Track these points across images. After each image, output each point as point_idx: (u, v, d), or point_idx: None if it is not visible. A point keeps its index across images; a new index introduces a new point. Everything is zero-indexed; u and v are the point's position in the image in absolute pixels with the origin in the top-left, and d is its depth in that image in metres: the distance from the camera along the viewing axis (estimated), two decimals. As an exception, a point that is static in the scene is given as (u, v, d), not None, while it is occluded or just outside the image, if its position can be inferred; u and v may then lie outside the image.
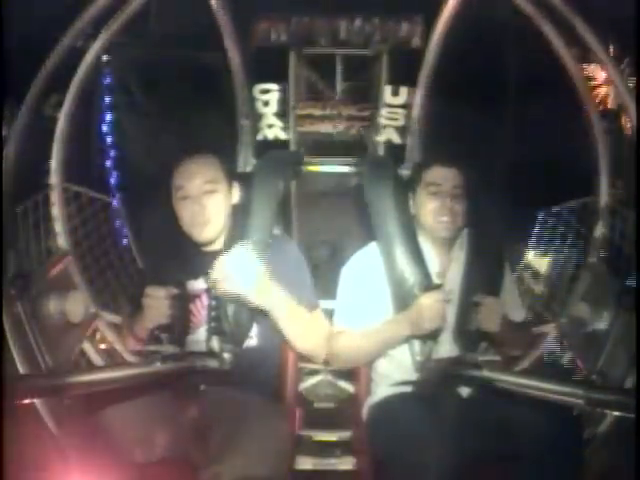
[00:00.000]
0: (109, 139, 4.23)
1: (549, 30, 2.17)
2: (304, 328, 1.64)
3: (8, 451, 1.13)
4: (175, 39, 3.62)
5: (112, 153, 4.24)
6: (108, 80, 4.10)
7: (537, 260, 3.08)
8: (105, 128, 4.22)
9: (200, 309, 1.66)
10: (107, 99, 4.14)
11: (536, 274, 3.06)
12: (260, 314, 1.60)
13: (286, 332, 1.62)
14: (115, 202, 3.28)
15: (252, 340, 1.64)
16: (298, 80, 2.95)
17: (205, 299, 1.65)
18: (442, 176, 1.73)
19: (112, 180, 4.21)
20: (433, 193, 1.72)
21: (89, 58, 2.21)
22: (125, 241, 3.13)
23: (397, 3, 2.86)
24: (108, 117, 4.19)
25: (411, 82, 2.71)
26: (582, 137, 2.27)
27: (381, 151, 2.85)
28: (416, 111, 2.66)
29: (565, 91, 2.27)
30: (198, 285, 1.66)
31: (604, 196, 2.25)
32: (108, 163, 4.23)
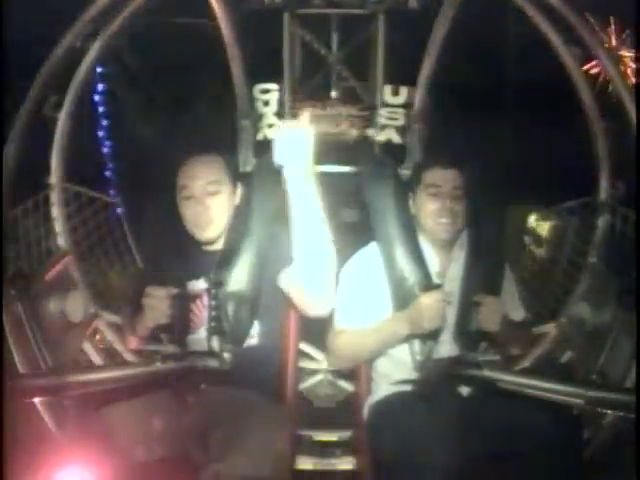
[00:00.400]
0: (101, 109, 4.20)
1: (548, 30, 2.17)
2: (325, 241, 1.42)
3: (8, 450, 1.13)
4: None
5: (104, 122, 4.20)
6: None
7: (539, 225, 3.08)
8: (97, 98, 4.18)
9: (201, 309, 1.65)
10: (99, 69, 4.09)
11: (538, 238, 3.06)
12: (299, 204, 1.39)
13: (310, 228, 1.40)
14: (115, 202, 3.27)
15: (252, 340, 1.63)
16: (292, 42, 2.90)
17: (205, 299, 1.65)
18: (442, 177, 1.73)
19: (110, 166, 4.19)
20: (433, 194, 1.72)
21: (89, 58, 2.21)
22: (125, 241, 3.13)
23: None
24: (100, 87, 4.15)
25: (408, 44, 2.68)
26: (582, 137, 2.27)
27: (381, 151, 2.85)
28: (416, 110, 2.66)
29: (565, 91, 2.27)
30: (199, 285, 1.66)
31: (604, 196, 2.25)
32: (101, 133, 4.18)
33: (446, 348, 1.68)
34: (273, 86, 2.83)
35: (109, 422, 1.40)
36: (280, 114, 2.84)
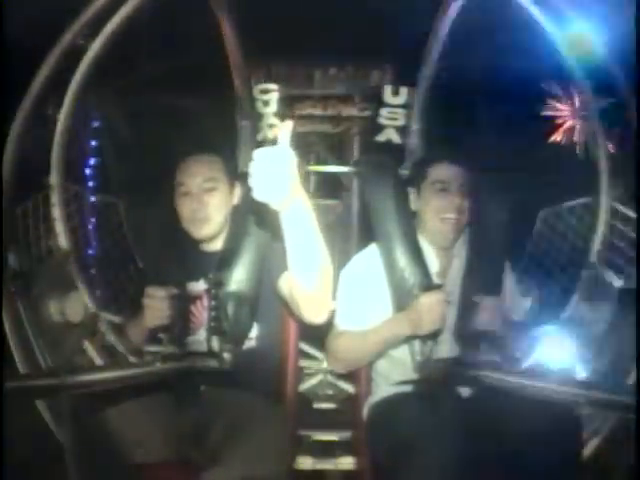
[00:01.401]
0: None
1: (550, 30, 2.17)
2: (320, 252, 1.33)
3: (8, 450, 1.13)
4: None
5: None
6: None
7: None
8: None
9: (201, 310, 1.66)
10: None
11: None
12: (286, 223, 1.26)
13: (304, 239, 1.29)
14: (115, 202, 3.27)
15: (252, 340, 1.64)
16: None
17: (205, 300, 1.65)
18: (449, 173, 1.73)
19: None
20: (440, 190, 1.72)
21: (89, 57, 2.21)
22: (125, 241, 3.13)
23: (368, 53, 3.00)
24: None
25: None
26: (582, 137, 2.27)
27: (381, 151, 2.85)
28: (416, 110, 2.66)
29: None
30: (198, 286, 1.66)
31: (604, 196, 2.24)
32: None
33: (446, 348, 1.67)
34: (273, 86, 2.83)
35: (109, 424, 1.40)
36: (280, 114, 2.84)
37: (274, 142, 1.18)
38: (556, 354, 2.31)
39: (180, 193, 1.65)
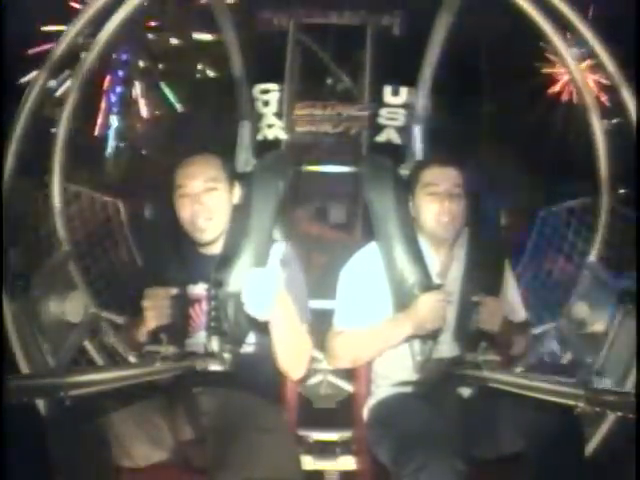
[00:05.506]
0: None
1: (549, 30, 2.17)
2: (291, 343, 1.59)
3: (8, 450, 1.13)
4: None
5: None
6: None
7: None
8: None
9: (199, 313, 1.65)
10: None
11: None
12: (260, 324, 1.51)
13: (278, 343, 1.56)
14: (115, 202, 3.27)
15: (252, 341, 1.63)
16: (295, 48, 3.10)
17: (204, 303, 1.64)
18: (440, 176, 1.72)
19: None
20: (431, 194, 1.71)
21: (90, 57, 2.21)
22: (125, 241, 3.13)
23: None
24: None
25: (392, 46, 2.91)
26: (582, 137, 2.27)
27: (381, 151, 2.85)
28: (416, 110, 2.66)
29: (566, 91, 2.27)
30: (197, 289, 1.66)
31: (604, 196, 2.24)
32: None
33: (446, 348, 1.68)
34: (273, 86, 2.83)
35: (109, 425, 1.39)
36: (280, 114, 2.84)
37: (274, 143, 1.22)
38: (556, 354, 2.32)
39: (180, 195, 1.62)
